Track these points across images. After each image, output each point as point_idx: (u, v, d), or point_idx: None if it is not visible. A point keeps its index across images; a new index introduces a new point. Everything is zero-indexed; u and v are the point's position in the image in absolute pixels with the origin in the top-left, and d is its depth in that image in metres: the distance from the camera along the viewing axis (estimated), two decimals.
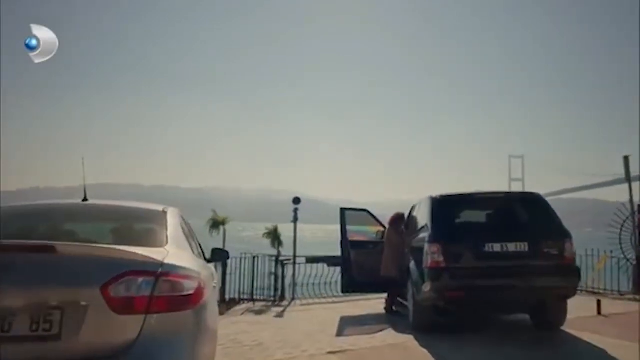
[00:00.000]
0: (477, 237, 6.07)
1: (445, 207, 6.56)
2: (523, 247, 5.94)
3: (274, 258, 10.94)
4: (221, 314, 8.55)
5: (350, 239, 8.84)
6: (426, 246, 6.16)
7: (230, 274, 10.19)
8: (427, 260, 6.09)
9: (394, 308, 8.40)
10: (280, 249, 10.98)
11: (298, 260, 11.28)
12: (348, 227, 8.90)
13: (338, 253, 9.53)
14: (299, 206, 11.33)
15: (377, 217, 9.19)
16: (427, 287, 6.13)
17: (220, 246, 10.61)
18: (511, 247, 5.94)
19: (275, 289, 10.89)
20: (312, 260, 11.32)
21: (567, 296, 6.05)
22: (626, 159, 10.97)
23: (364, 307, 9.38)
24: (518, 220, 6.52)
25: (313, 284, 11.31)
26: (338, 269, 10.85)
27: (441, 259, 5.97)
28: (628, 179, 10.91)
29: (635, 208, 10.84)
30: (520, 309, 6.63)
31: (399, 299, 8.28)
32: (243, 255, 10.46)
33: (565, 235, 6.11)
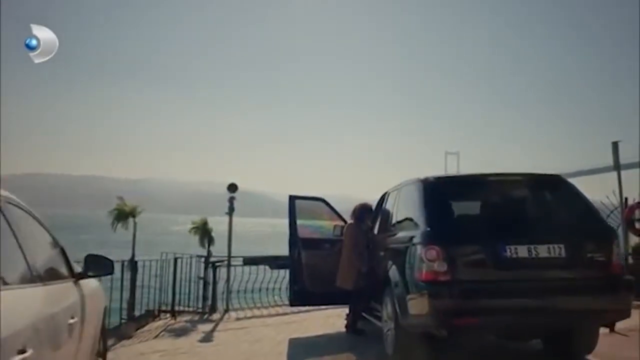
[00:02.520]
0: (494, 236, 4.20)
1: (443, 194, 4.66)
2: (558, 250, 4.12)
3: (202, 259, 8.71)
4: (128, 337, 6.31)
5: (301, 236, 6.81)
6: (418, 250, 4.23)
7: (142, 284, 7.83)
8: (421, 271, 4.15)
9: (358, 326, 6.47)
10: (211, 248, 8.72)
11: (234, 261, 9.11)
12: (299, 222, 6.86)
13: (282, 252, 7.54)
14: (235, 195, 9.13)
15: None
16: (420, 308, 4.21)
17: (130, 244, 8.44)
18: (542, 250, 4.11)
19: (204, 298, 8.67)
20: (251, 261, 9.18)
21: (617, 319, 4.31)
22: (615, 145, 9.68)
23: (319, 323, 7.40)
24: (546, 212, 4.71)
25: (252, 291, 9.19)
26: (283, 272, 8.85)
27: (444, 268, 4.05)
28: (617, 167, 9.58)
29: (616, 200, 9.62)
30: (542, 334, 4.86)
31: (364, 314, 6.36)
32: (164, 257, 8.16)
33: (610, 234, 4.39)
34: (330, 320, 7.49)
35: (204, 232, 8.75)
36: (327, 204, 7.09)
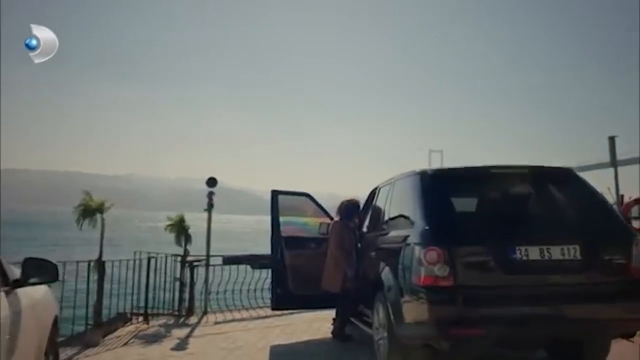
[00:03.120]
0: (501, 235, 3.73)
1: (444, 189, 4.17)
2: (573, 252, 3.67)
3: (179, 258, 8.11)
4: (93, 345, 5.73)
5: (284, 234, 6.29)
6: (416, 251, 3.75)
7: (115, 286, 7.20)
8: (419, 275, 3.68)
9: (345, 332, 5.98)
10: (193, 247, 8.14)
11: (213, 260, 8.55)
12: (282, 218, 6.34)
13: (266, 250, 7.02)
14: (215, 190, 8.56)
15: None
16: (418, 317, 3.74)
17: (115, 241, 7.80)
18: (555, 252, 3.66)
19: (181, 300, 8.09)
20: (231, 260, 8.62)
21: (637, 329, 3.86)
22: (612, 140, 9.39)
23: (303, 328, 6.89)
24: (558, 210, 4.25)
25: (233, 293, 8.64)
26: (265, 272, 8.34)
27: (445, 272, 3.58)
28: (614, 163, 9.29)
29: (612, 198, 9.33)
30: (551, 344, 4.42)
31: (352, 319, 5.88)
32: (137, 257, 7.56)
33: (630, 234, 3.95)
34: (315, 324, 6.99)
35: (180, 230, 8.16)
36: (313, 199, 6.58)
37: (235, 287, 8.60)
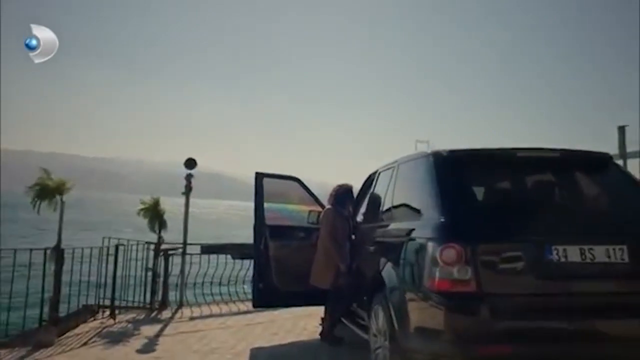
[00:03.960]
0: (535, 232, 3.05)
1: (463, 174, 3.47)
2: (620, 253, 3.01)
3: (152, 246, 7.36)
4: (47, 345, 5.00)
5: (269, 222, 5.58)
6: (430, 248, 3.06)
7: (79, 272, 6.45)
8: (433, 277, 3.00)
9: (335, 334, 5.32)
10: (163, 234, 7.38)
11: (190, 249, 7.82)
12: (267, 205, 5.61)
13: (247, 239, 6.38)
14: (193, 172, 7.80)
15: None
16: (431, 329, 3.06)
17: (113, 224, 6.99)
18: (599, 253, 2.99)
19: (153, 293, 7.35)
20: (210, 249, 7.88)
21: None
22: (622, 130, 8.79)
23: (288, 326, 6.23)
24: (599, 202, 3.57)
25: (211, 284, 7.92)
26: (248, 262, 7.66)
27: (466, 275, 2.90)
28: (623, 153, 8.69)
29: None
30: None
31: (344, 320, 5.22)
32: (106, 243, 6.79)
33: None
34: (301, 322, 6.33)
35: (154, 214, 7.39)
36: (303, 184, 5.86)
37: (214, 278, 7.89)
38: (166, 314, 7.06)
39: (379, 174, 4.97)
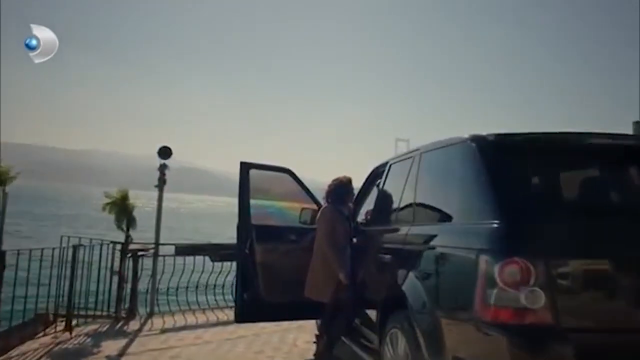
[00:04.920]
0: (628, 243, 2.24)
1: (520, 164, 2.63)
2: None
3: (119, 246, 6.43)
4: None
5: (255, 222, 4.69)
6: (484, 263, 2.23)
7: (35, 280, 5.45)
8: (488, 303, 2.18)
9: (333, 355, 4.49)
10: (131, 232, 6.46)
11: (163, 250, 6.89)
12: (253, 201, 4.73)
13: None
14: (168, 162, 6.86)
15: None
16: None
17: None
18: None
19: (119, 300, 6.41)
20: (185, 250, 6.97)
21: None
22: (638, 125, 8.11)
23: (275, 343, 5.37)
24: None
25: (187, 290, 7.02)
26: (228, 265, 6.86)
27: (539, 303, 2.09)
28: None
29: None
30: None
31: (344, 339, 4.39)
32: (65, 244, 5.83)
33: None
34: (291, 336, 5.51)
35: (122, 210, 6.45)
36: (295, 176, 4.98)
37: (189, 283, 6.98)
38: (134, 325, 6.14)
39: (390, 166, 4.14)
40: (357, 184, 4.89)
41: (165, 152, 6.83)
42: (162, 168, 6.82)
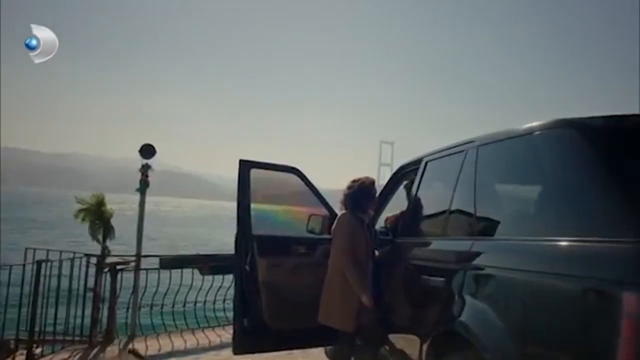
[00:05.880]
0: None
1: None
2: None
3: (95, 260, 5.56)
4: None
5: (256, 232, 3.88)
6: (628, 303, 1.45)
7: None
8: None
9: None
10: (108, 243, 5.60)
11: (146, 262, 6.03)
12: (254, 207, 3.92)
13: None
14: (151, 162, 5.99)
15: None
16: None
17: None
18: None
19: (94, 322, 5.54)
20: (171, 263, 6.11)
21: None
22: None
23: None
24: None
25: (173, 308, 6.16)
26: (220, 279, 6.06)
27: None
28: None
29: None
30: None
31: None
32: (32, 258, 4.97)
33: None
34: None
35: (97, 218, 5.59)
36: (303, 177, 4.18)
37: (176, 300, 6.13)
38: (111, 351, 5.27)
39: (426, 164, 3.37)
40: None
41: (148, 151, 5.96)
42: (145, 169, 5.95)
